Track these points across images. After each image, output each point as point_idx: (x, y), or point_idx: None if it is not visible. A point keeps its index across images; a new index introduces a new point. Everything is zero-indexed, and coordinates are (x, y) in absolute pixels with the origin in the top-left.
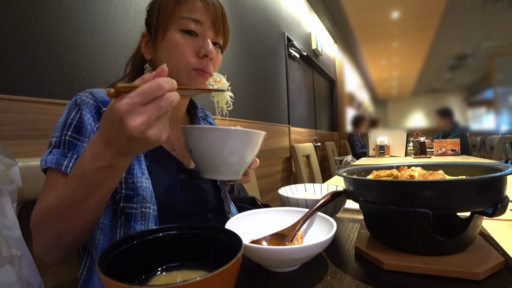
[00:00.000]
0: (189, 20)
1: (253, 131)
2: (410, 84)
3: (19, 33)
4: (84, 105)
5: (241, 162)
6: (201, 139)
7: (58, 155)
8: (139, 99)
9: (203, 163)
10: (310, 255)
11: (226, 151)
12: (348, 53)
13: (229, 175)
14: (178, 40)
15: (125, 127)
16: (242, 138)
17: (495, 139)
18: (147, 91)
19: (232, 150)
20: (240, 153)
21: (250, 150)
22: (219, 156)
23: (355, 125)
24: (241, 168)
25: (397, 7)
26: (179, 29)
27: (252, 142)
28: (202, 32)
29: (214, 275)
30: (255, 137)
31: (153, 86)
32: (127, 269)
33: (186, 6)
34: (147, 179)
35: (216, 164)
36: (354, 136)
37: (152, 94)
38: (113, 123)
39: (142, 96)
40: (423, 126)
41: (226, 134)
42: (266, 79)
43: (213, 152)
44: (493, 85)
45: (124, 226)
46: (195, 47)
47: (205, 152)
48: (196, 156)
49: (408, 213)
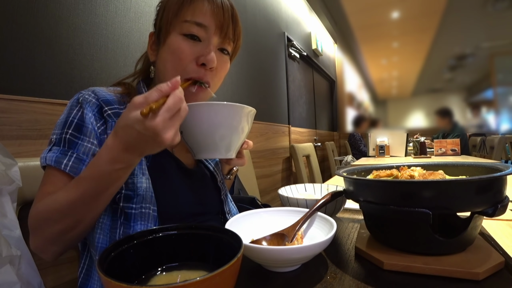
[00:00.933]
0: (192, 24)
1: (241, 105)
2: (410, 84)
3: (19, 33)
4: (87, 103)
5: (232, 137)
6: (190, 117)
7: (58, 153)
8: (169, 115)
9: (195, 142)
10: (310, 255)
11: (215, 126)
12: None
13: (222, 153)
14: (178, 45)
15: (161, 140)
16: (231, 111)
17: (495, 139)
18: (173, 107)
19: (221, 124)
20: (230, 128)
21: (240, 124)
22: (209, 132)
23: (355, 125)
24: (233, 144)
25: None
26: (181, 33)
27: (241, 116)
28: (206, 37)
29: (214, 275)
30: (244, 111)
31: (176, 102)
32: (127, 269)
33: (190, 9)
34: (147, 179)
35: (208, 141)
36: (355, 136)
37: (176, 108)
38: (147, 138)
39: (170, 112)
40: (423, 126)
41: (213, 108)
42: (266, 79)
43: (203, 129)
44: (493, 85)
45: (124, 226)
46: (195, 54)
47: (195, 130)
48: (187, 137)
49: (408, 213)
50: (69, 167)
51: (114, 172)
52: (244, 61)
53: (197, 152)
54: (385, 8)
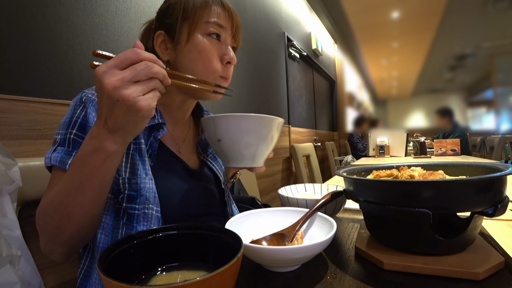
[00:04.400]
0: (215, 25)
1: (278, 118)
2: (410, 84)
3: (19, 33)
4: (90, 102)
5: (266, 147)
6: (235, 127)
7: (63, 154)
8: (114, 62)
9: (233, 151)
10: (310, 255)
11: (257, 137)
12: (348, 53)
13: (254, 162)
14: (206, 46)
15: (102, 87)
16: (270, 123)
17: (495, 139)
18: (121, 56)
19: (262, 135)
20: (265, 138)
21: (275, 135)
22: (250, 143)
23: (355, 125)
24: (264, 154)
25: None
26: (205, 33)
27: (277, 128)
28: (224, 38)
29: (214, 275)
30: (279, 123)
31: (127, 52)
32: (127, 269)
33: (212, 11)
34: (150, 180)
35: (246, 151)
36: (354, 135)
37: (127, 59)
38: (96, 90)
39: (117, 60)
40: (423, 126)
41: (258, 120)
42: (266, 79)
43: (244, 139)
44: (493, 85)
45: (126, 226)
46: (219, 53)
47: (236, 140)
48: (226, 145)
49: (408, 213)
50: None
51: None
52: (244, 61)
53: (232, 161)
54: (385, 8)
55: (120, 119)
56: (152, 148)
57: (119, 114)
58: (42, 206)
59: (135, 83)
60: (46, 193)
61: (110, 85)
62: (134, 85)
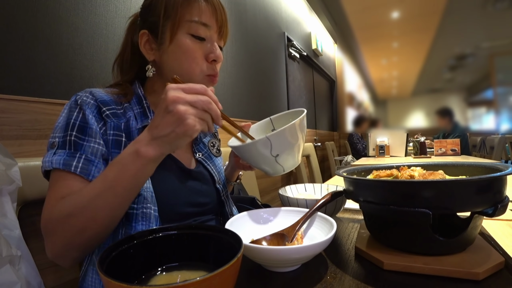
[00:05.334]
0: (199, 24)
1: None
2: (410, 84)
3: (19, 33)
4: (86, 105)
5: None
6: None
7: (65, 156)
8: (183, 86)
9: (290, 159)
10: (310, 255)
11: (300, 138)
12: (348, 53)
13: (300, 159)
14: (190, 45)
15: (165, 98)
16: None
17: (495, 139)
18: (192, 85)
19: (302, 135)
20: (304, 136)
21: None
22: (297, 148)
23: (355, 125)
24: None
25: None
26: (189, 33)
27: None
28: (209, 36)
29: (214, 275)
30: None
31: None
32: (127, 269)
33: (195, 9)
34: (147, 179)
35: (294, 156)
36: (354, 135)
37: (195, 89)
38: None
39: (187, 86)
40: (423, 126)
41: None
42: (266, 79)
43: (293, 146)
44: (493, 85)
45: (125, 226)
46: (205, 52)
47: (289, 150)
48: (284, 157)
49: (408, 213)
50: (80, 168)
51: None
52: (244, 61)
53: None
54: (385, 8)
55: (167, 128)
56: None
57: (168, 123)
58: (61, 210)
59: (191, 106)
60: (52, 199)
61: (171, 98)
62: (190, 107)
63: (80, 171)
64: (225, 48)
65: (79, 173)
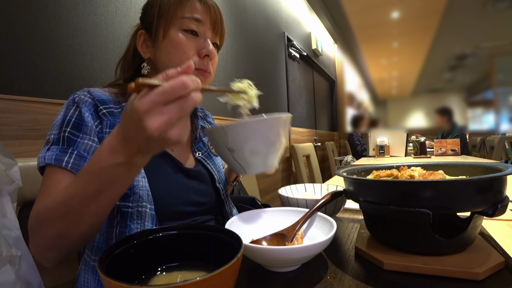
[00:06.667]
0: (191, 20)
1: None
2: (410, 84)
3: (19, 33)
4: (83, 103)
5: (281, 148)
6: (249, 134)
7: (58, 151)
8: (161, 98)
9: (250, 160)
10: (310, 255)
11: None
12: (348, 53)
13: (271, 165)
14: (181, 40)
15: (144, 127)
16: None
17: (495, 139)
18: (170, 90)
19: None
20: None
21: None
22: (266, 147)
23: (355, 125)
24: (279, 155)
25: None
26: (181, 29)
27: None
28: (202, 32)
29: (214, 275)
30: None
31: (177, 85)
32: (127, 269)
33: (188, 6)
34: (143, 178)
35: (263, 156)
36: (354, 136)
37: (175, 94)
38: (132, 122)
39: (164, 95)
40: (422, 126)
41: (270, 123)
42: (266, 79)
43: (260, 145)
44: (493, 85)
45: (120, 225)
46: (197, 47)
47: (249, 148)
48: (241, 155)
49: (408, 213)
50: (71, 164)
51: (113, 167)
52: (244, 61)
53: (250, 169)
54: (385, 8)
55: (156, 149)
56: None
57: (156, 146)
58: (41, 211)
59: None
60: (41, 194)
61: (155, 129)
62: (178, 122)
63: (71, 167)
64: (225, 48)
65: (70, 168)
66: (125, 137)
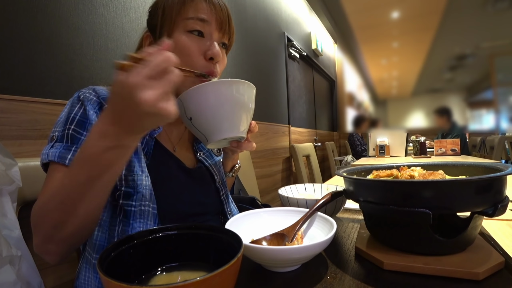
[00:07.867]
0: (196, 20)
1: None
2: (410, 84)
3: (19, 33)
4: (88, 101)
5: (242, 113)
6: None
7: (61, 149)
8: (149, 72)
9: (206, 125)
10: (310, 255)
11: (222, 104)
12: (348, 53)
13: (235, 131)
14: (185, 42)
15: (137, 102)
16: (233, 87)
17: (495, 139)
18: (155, 63)
19: (227, 102)
20: (239, 103)
21: (248, 100)
22: (220, 110)
23: (355, 125)
24: (244, 121)
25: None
26: (185, 30)
27: (249, 92)
28: (208, 32)
29: (214, 275)
30: (251, 86)
31: (160, 59)
32: (127, 269)
33: (192, 7)
34: (146, 177)
35: (219, 121)
36: (354, 136)
37: (159, 66)
38: (123, 99)
39: (151, 69)
40: (423, 126)
41: (217, 86)
42: (266, 79)
43: (212, 108)
44: (493, 85)
45: (123, 223)
46: (202, 49)
47: (205, 112)
48: (197, 122)
49: (408, 213)
50: None
51: (104, 152)
52: (244, 61)
53: (210, 135)
54: (385, 8)
55: (149, 126)
56: (148, 146)
57: (149, 122)
58: (39, 205)
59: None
60: (43, 190)
61: (147, 102)
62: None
63: None
64: None
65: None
66: (115, 119)
